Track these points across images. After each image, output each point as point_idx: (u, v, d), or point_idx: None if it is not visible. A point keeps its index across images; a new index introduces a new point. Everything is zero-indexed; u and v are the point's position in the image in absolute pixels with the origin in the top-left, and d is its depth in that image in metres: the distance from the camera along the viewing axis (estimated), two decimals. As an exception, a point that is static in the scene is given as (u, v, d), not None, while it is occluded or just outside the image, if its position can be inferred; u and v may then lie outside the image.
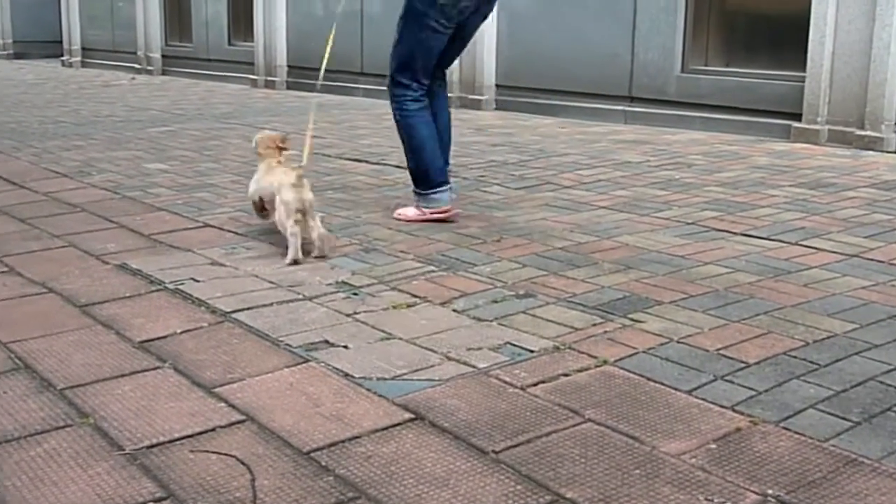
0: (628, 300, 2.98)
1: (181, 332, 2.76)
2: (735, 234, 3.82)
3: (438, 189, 4.08)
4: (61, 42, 16.27)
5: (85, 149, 6.37)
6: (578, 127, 7.10)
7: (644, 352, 2.54)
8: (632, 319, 2.80)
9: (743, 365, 2.44)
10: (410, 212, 4.12)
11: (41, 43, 17.94)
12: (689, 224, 3.99)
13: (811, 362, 2.45)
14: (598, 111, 7.43)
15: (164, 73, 13.44)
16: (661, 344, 2.59)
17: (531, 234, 3.84)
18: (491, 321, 2.82)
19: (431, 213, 4.07)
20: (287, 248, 3.46)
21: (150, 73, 13.58)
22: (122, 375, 2.45)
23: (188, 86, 11.66)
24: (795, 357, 2.49)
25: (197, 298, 3.06)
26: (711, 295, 3.02)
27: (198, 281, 3.26)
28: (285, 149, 3.80)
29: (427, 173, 4.08)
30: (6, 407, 2.27)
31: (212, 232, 4.01)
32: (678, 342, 2.61)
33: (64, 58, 16.05)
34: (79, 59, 15.69)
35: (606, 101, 7.43)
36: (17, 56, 18.04)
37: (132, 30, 13.96)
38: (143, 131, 7.28)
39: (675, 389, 2.31)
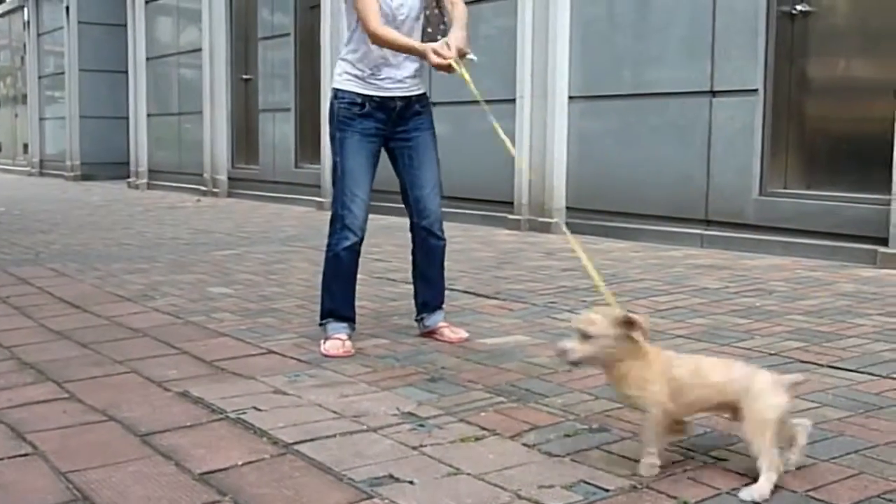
0: (709, 436, 2.83)
1: (242, 464, 2.68)
2: (821, 366, 3.64)
3: None
4: (128, 164, 16.72)
5: (149, 272, 6.43)
6: (652, 251, 6.99)
7: (728, 492, 2.39)
8: (713, 457, 2.65)
9: (835, 509, 2.27)
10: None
11: (108, 164, 18.56)
12: (772, 355, 3.82)
13: (910, 507, 2.28)
14: (673, 235, 7.33)
15: (229, 195, 13.60)
16: (746, 484, 2.42)
17: (605, 364, 3.71)
18: (563, 457, 2.69)
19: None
20: None
21: (215, 195, 13.74)
22: (181, 510, 2.36)
23: (254, 208, 11.82)
24: (891, 500, 2.32)
25: (259, 429, 2.99)
26: (798, 432, 2.86)
27: (260, 410, 3.19)
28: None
29: None
30: (59, 543, 2.20)
31: (276, 359, 3.95)
32: (764, 483, 2.45)
33: (130, 179, 16.46)
34: (145, 180, 16.06)
35: (681, 224, 7.32)
36: (85, 177, 18.64)
37: (199, 152, 14.25)
38: (207, 254, 7.34)
39: (763, 537, 2.15)
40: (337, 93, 4.07)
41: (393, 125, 4.09)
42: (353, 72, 4.04)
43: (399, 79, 4.06)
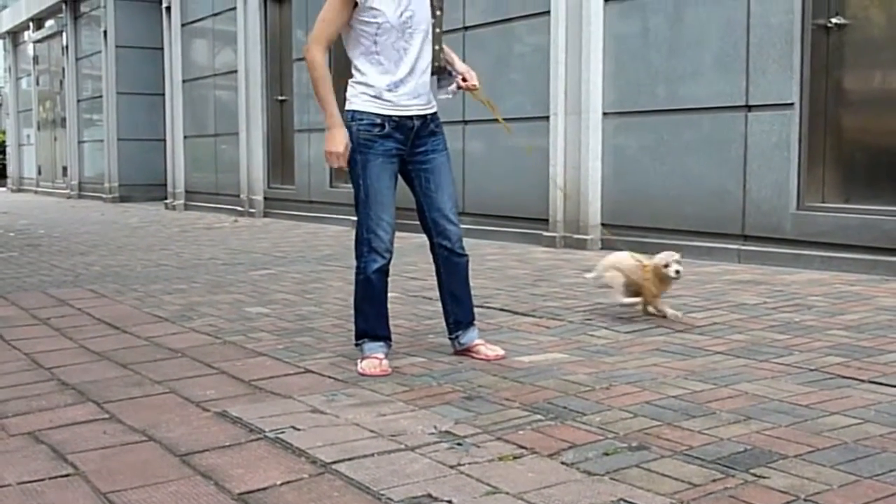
0: (750, 454, 2.80)
1: (281, 484, 2.68)
2: (863, 381, 3.60)
3: None
4: (165, 185, 16.89)
5: (187, 292, 6.48)
6: (689, 267, 6.89)
7: (768, 511, 2.36)
8: (754, 475, 2.62)
9: (879, 528, 2.24)
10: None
11: (145, 186, 18.85)
12: (812, 370, 3.79)
13: (957, 527, 2.24)
14: (710, 250, 7.28)
15: (265, 215, 13.71)
16: (788, 502, 2.41)
17: (642, 382, 3.69)
18: (602, 475, 2.67)
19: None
20: None
21: (252, 215, 13.86)
22: (220, 530, 2.38)
23: (290, 228, 11.88)
24: (938, 520, 2.28)
25: (297, 448, 2.99)
26: (840, 448, 2.82)
27: (298, 429, 3.19)
28: None
29: None
30: (98, 564, 2.21)
31: (313, 378, 3.97)
32: (805, 500, 2.42)
33: (167, 200, 16.64)
34: (182, 201, 16.22)
35: (718, 239, 7.28)
36: (123, 199, 18.90)
37: (235, 172, 14.38)
38: (244, 274, 7.38)
39: (806, 556, 2.13)
40: (354, 115, 4.03)
41: (411, 146, 4.08)
42: (370, 92, 4.01)
43: (417, 93, 4.03)
